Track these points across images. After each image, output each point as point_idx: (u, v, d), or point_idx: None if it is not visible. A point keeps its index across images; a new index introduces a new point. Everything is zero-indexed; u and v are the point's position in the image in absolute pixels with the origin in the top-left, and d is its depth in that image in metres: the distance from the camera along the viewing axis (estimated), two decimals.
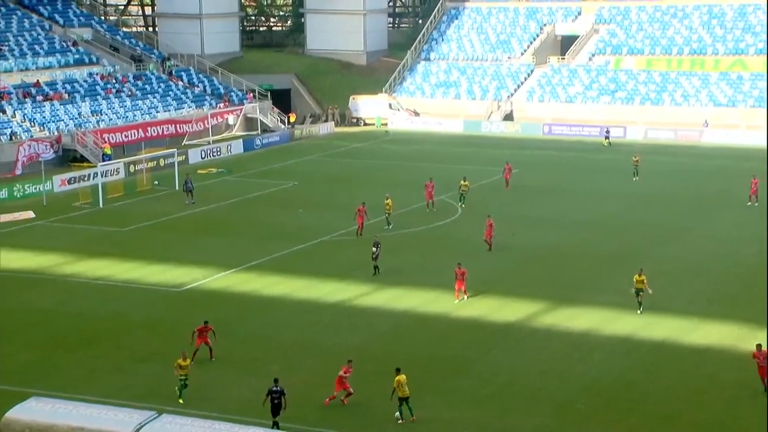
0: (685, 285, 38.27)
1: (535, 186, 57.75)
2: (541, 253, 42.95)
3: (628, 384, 28.65)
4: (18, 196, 54.13)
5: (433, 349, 31.74)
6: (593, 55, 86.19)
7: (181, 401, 26.94)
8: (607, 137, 73.41)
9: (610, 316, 34.27)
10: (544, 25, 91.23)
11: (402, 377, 26.09)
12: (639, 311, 34.26)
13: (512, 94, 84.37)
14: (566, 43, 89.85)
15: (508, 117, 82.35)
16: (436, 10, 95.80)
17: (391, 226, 46.50)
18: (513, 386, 28.82)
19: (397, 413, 26.12)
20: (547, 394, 28.21)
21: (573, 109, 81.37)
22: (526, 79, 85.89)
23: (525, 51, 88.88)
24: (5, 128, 62.37)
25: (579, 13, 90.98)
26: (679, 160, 66.87)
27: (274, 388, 25.53)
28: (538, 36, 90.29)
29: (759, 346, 27.71)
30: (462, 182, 51.61)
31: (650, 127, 76.91)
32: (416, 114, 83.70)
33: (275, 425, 25.41)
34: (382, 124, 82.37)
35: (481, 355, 31.18)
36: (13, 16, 77.49)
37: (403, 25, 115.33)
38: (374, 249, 38.85)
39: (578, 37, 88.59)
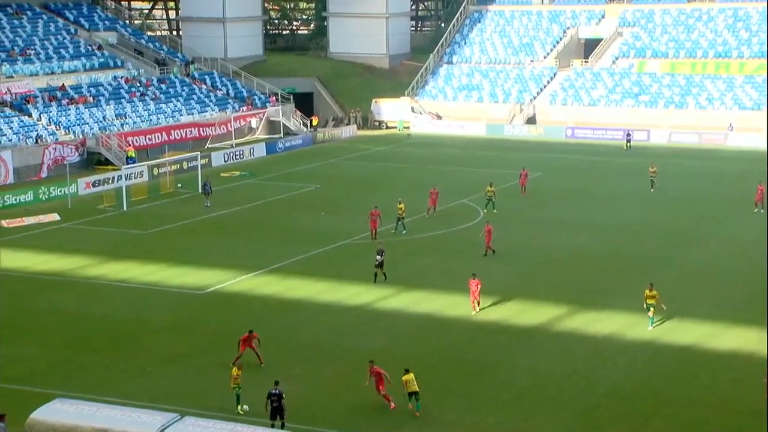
0: (709, 289, 38.00)
1: (558, 189, 57.55)
2: (563, 257, 42.78)
3: (652, 389, 28.45)
4: (43, 198, 54.57)
5: (454, 352, 31.69)
6: (617, 59, 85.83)
7: (240, 411, 26.51)
8: (628, 140, 73.05)
9: (634, 320, 34.02)
10: (568, 28, 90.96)
11: (408, 376, 26.49)
12: (650, 327, 33.10)
13: (535, 98, 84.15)
14: (589, 47, 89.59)
15: (531, 120, 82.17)
16: (458, 13, 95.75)
17: (405, 231, 46.35)
18: (535, 390, 28.71)
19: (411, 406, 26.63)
20: (570, 398, 28.09)
21: (596, 112, 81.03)
22: (549, 82, 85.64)
23: (548, 54, 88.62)
24: (31, 131, 62.91)
25: (603, 17, 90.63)
26: (704, 164, 66.42)
27: (273, 391, 25.42)
28: (561, 39, 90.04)
29: None
30: (488, 188, 51.36)
31: (674, 130, 76.45)
32: (438, 117, 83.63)
33: (282, 427, 25.27)
34: (405, 128, 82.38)
35: (503, 359, 31.09)
36: (39, 20, 78.17)
37: (426, 29, 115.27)
38: (378, 257, 38.34)
39: (602, 40, 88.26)
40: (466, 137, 78.97)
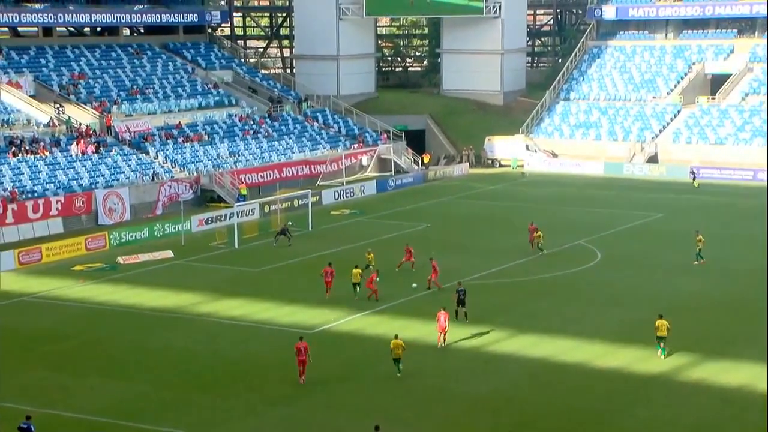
0: None
1: (679, 232, 55.01)
2: (685, 302, 40.68)
3: None
4: (158, 235, 55.37)
5: (571, 400, 30.20)
6: (746, 95, 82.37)
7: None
8: (694, 178, 70.07)
9: (765, 371, 31.78)
10: (693, 63, 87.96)
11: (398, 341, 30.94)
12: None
13: (657, 136, 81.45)
14: (717, 83, 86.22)
15: (652, 159, 79.46)
16: (577, 48, 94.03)
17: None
18: None
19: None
20: None
21: (723, 151, 77.70)
22: (672, 119, 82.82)
23: (671, 90, 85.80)
24: (148, 169, 64.23)
25: (731, 51, 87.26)
26: None
27: None
28: (686, 75, 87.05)
29: None
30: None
31: None
32: (554, 155, 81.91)
33: None
34: (519, 166, 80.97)
35: (622, 408, 29.48)
36: (159, 60, 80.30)
37: (543, 65, 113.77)
38: (459, 295, 37.87)
39: (730, 75, 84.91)
40: (582, 176, 76.93)
